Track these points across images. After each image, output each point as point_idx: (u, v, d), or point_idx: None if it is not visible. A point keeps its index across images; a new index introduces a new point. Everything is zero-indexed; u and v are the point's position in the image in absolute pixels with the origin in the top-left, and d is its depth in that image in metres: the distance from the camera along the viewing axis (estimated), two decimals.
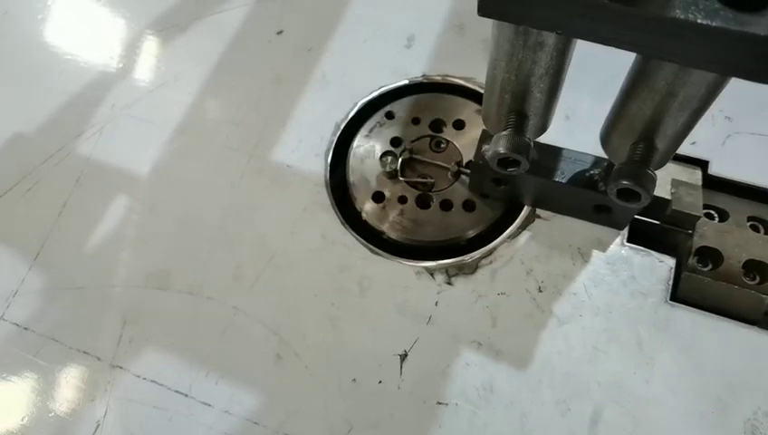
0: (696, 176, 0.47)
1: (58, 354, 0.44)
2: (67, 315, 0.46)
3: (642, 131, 0.32)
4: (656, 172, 0.33)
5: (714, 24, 0.21)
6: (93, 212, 0.50)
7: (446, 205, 0.47)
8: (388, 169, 0.47)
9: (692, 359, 0.40)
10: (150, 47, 0.58)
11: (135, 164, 0.51)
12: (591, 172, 0.41)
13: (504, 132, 0.33)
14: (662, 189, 0.45)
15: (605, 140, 0.36)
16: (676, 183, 0.45)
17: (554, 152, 0.42)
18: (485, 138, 0.42)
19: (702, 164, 0.47)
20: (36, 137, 0.54)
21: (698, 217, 0.43)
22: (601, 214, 0.43)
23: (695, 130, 0.32)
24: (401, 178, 0.47)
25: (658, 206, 0.45)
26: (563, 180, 0.41)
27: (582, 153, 0.42)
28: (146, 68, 0.57)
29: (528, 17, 0.25)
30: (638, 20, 0.23)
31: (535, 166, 0.39)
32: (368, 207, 0.47)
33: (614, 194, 0.33)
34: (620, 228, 0.45)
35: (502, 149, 0.33)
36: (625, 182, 0.32)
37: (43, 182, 0.52)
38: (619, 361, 0.41)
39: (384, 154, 0.49)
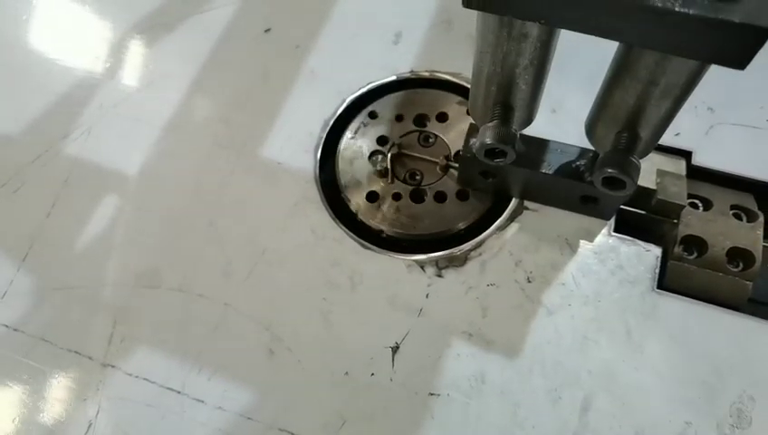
0: (680, 166, 0.47)
1: (49, 355, 0.44)
2: (57, 316, 0.45)
3: (626, 120, 0.32)
4: (640, 161, 0.33)
5: (691, 11, 0.22)
6: (82, 212, 0.49)
7: (436, 198, 0.47)
8: (378, 168, 0.47)
9: (679, 345, 0.41)
10: (137, 46, 0.57)
11: (123, 163, 0.51)
12: (577, 163, 0.41)
13: (490, 124, 0.34)
14: (647, 179, 0.46)
15: (590, 130, 0.36)
16: (660, 173, 0.45)
17: (541, 144, 0.42)
18: (473, 131, 0.42)
19: (686, 154, 0.47)
20: (24, 138, 0.53)
21: (683, 207, 0.43)
22: (588, 204, 0.44)
23: (678, 121, 0.32)
24: (390, 182, 0.47)
25: (644, 196, 0.45)
26: (550, 171, 0.41)
27: (568, 145, 0.42)
28: (133, 67, 0.56)
29: (511, 7, 0.25)
30: (617, 8, 0.23)
31: (522, 158, 0.39)
32: (357, 202, 0.48)
33: (599, 182, 0.34)
34: (607, 219, 0.45)
35: (488, 140, 0.33)
36: (610, 170, 0.32)
37: (30, 183, 0.51)
38: (609, 349, 0.41)
39: (373, 154, 0.49)
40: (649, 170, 0.46)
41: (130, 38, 0.58)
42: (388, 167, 0.48)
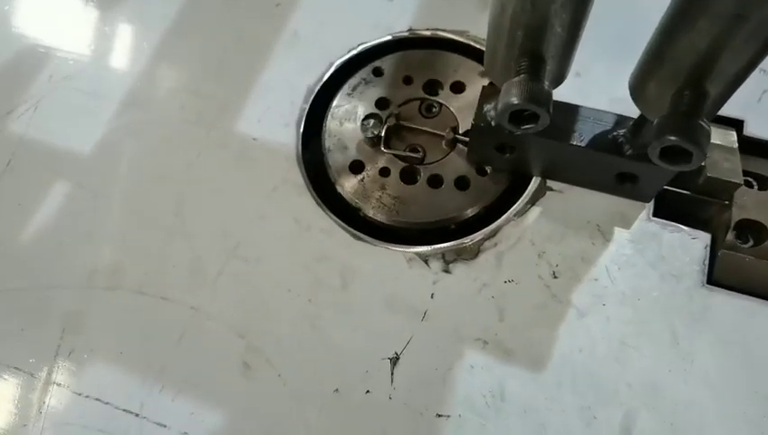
0: (730, 138, 0.41)
1: None
2: None
3: (690, 74, 0.25)
4: (710, 125, 0.26)
5: None
6: (27, 201, 0.44)
7: (441, 179, 0.41)
8: (369, 136, 0.41)
9: (736, 352, 0.35)
10: (93, 9, 0.51)
11: (77, 144, 0.45)
12: (614, 133, 0.35)
13: (515, 79, 0.27)
14: None
15: (637, 88, 0.29)
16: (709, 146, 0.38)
17: (569, 111, 0.35)
18: (488, 94, 0.35)
19: (736, 124, 0.41)
20: None
21: (738, 185, 0.37)
22: (625, 184, 0.37)
23: None
24: (384, 150, 0.41)
25: (690, 172, 0.39)
26: (582, 144, 0.34)
27: (602, 111, 0.35)
28: (88, 33, 0.50)
29: None
30: None
31: (548, 127, 0.32)
32: (348, 185, 0.41)
33: (656, 154, 0.27)
34: (647, 201, 0.38)
35: (515, 100, 0.26)
36: (673, 138, 0.25)
37: None
38: (651, 357, 0.35)
39: (367, 117, 0.42)
40: None
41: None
42: (382, 138, 0.40)
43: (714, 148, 0.39)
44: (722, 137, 0.41)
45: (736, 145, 0.40)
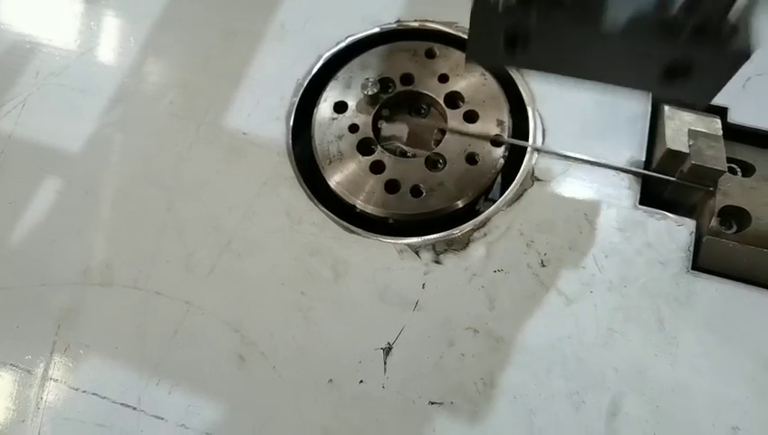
0: (715, 125, 0.41)
1: None
2: None
3: None
4: None
5: None
6: (17, 199, 0.44)
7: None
8: (369, 93, 0.41)
9: (721, 336, 0.36)
10: (78, 3, 0.50)
11: (66, 140, 0.45)
12: (664, 10, 0.26)
13: None
14: (678, 141, 0.39)
15: None
16: (693, 134, 0.39)
17: None
18: None
19: (720, 111, 0.42)
20: None
21: (722, 172, 0.38)
22: (676, 80, 0.28)
23: None
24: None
25: (675, 160, 0.39)
26: (619, 27, 0.26)
27: None
28: (74, 28, 0.50)
29: None
30: None
31: (572, 7, 0.26)
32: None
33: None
34: (705, 101, 0.30)
35: None
36: None
37: None
38: (639, 342, 0.36)
39: (366, 82, 0.42)
40: (681, 131, 0.40)
41: None
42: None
43: (698, 135, 0.39)
44: (706, 124, 0.41)
45: (721, 132, 0.40)
